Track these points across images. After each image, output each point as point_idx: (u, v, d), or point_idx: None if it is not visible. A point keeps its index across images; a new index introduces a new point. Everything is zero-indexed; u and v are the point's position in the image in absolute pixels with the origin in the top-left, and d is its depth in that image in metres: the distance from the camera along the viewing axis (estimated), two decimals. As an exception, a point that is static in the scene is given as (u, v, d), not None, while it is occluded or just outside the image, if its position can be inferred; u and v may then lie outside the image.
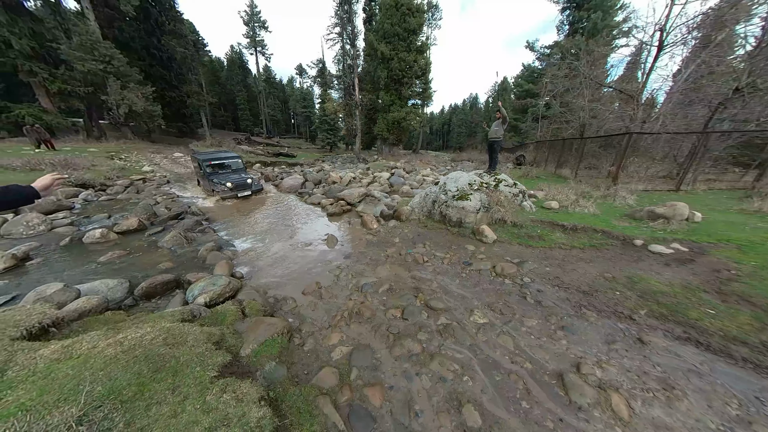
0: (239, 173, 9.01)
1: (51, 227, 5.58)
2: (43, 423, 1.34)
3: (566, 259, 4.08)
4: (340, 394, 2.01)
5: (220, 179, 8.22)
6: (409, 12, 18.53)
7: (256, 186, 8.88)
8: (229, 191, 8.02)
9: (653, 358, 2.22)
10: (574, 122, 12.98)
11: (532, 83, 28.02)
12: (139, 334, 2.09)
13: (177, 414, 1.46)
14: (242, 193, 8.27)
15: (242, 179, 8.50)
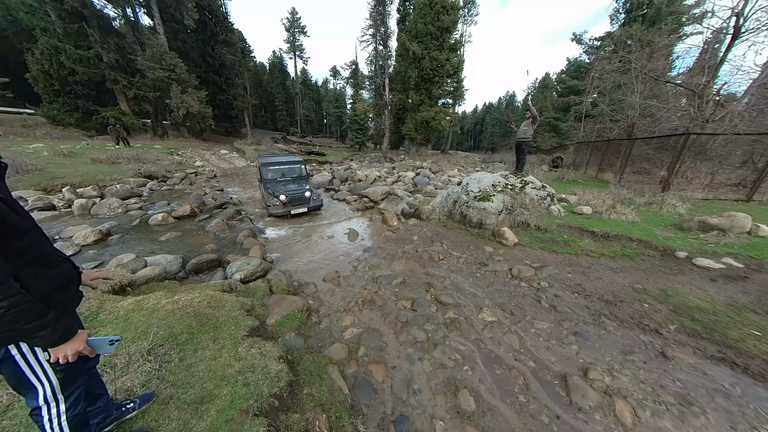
0: (298, 183, 7.13)
1: (126, 210, 6.74)
2: (126, 350, 1.77)
3: (592, 267, 3.85)
4: (348, 366, 2.25)
5: (275, 189, 6.62)
6: (443, 9, 18.26)
7: (315, 201, 6.82)
8: (281, 206, 6.30)
9: (674, 374, 2.09)
10: (623, 121, 11.74)
11: (576, 79, 25.78)
12: (190, 297, 2.56)
13: (216, 358, 1.81)
14: (296, 210, 6.41)
15: (299, 191, 6.60)
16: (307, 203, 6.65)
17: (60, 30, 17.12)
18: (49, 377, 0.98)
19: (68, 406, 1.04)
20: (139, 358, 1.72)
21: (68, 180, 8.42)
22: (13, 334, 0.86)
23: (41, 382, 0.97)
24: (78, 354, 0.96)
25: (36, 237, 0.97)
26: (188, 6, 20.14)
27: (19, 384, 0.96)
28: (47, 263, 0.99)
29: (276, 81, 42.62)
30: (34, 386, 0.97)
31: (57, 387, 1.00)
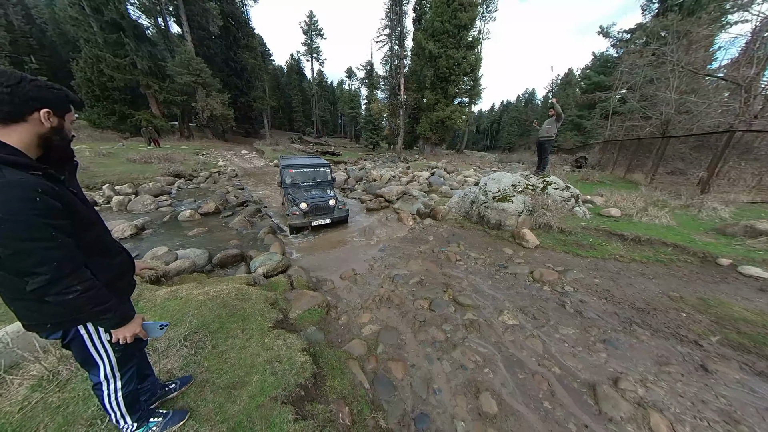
0: (322, 188, 6.15)
1: (157, 207, 7.21)
2: (165, 336, 1.91)
3: (622, 272, 3.65)
4: (367, 362, 2.28)
5: (296, 196, 5.57)
6: (461, 7, 17.94)
7: (340, 212, 5.74)
8: (301, 216, 5.31)
9: (717, 389, 1.94)
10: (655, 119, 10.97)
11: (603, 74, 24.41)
12: (219, 288, 2.70)
13: (245, 347, 1.91)
14: (318, 221, 5.43)
15: (323, 199, 5.57)
16: (330, 213, 5.61)
17: (101, 40, 18.57)
18: (109, 356, 1.08)
19: (123, 383, 1.15)
20: (177, 343, 1.85)
21: (107, 178, 9.13)
22: (84, 315, 0.96)
23: (102, 360, 1.07)
24: (134, 336, 1.05)
25: (101, 229, 1.08)
26: (213, 14, 21.16)
27: (85, 361, 1.07)
28: (110, 253, 1.10)
29: (293, 83, 43.79)
30: (97, 363, 1.07)
31: (115, 365, 1.11)
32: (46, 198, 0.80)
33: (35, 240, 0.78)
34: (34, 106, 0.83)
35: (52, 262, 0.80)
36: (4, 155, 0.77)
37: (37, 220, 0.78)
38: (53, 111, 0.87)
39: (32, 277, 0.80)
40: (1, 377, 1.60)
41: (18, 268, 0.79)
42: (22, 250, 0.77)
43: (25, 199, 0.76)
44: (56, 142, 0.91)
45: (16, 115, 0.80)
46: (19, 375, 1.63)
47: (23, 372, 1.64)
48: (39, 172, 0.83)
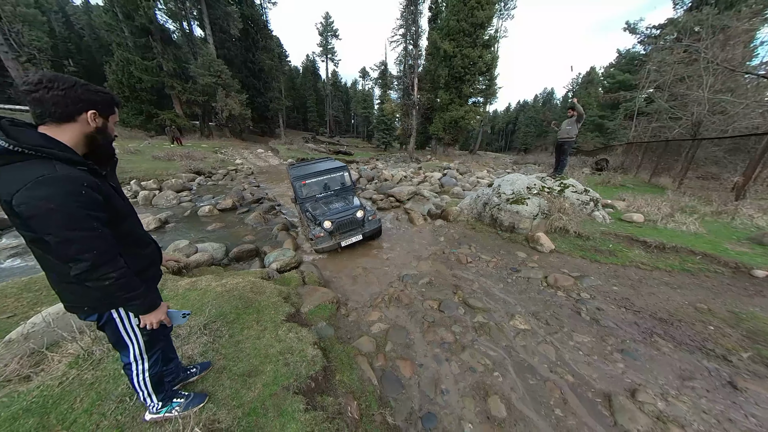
0: (344, 198, 5.16)
1: (179, 202, 7.58)
2: (187, 324, 2.02)
3: (644, 280, 3.47)
4: (376, 360, 2.31)
5: (317, 213, 4.60)
6: (478, 5, 17.61)
7: (371, 224, 4.76)
8: (328, 238, 4.35)
9: (747, 408, 1.82)
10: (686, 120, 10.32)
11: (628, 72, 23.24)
12: (235, 281, 2.82)
13: (260, 337, 1.99)
14: (348, 240, 4.42)
15: (348, 212, 4.58)
16: (361, 228, 4.60)
17: (131, 44, 19.71)
18: (138, 339, 1.17)
19: (150, 364, 1.23)
20: (197, 331, 1.96)
21: (134, 174, 9.70)
22: (117, 300, 1.04)
23: (132, 342, 1.16)
24: (160, 322, 1.13)
25: (135, 221, 1.16)
26: (234, 17, 21.91)
27: (117, 342, 1.16)
28: (141, 244, 1.18)
29: (308, 83, 44.59)
30: (127, 345, 1.16)
31: (143, 348, 1.19)
32: (90, 191, 0.88)
33: (80, 229, 0.85)
34: (83, 108, 0.91)
35: (93, 251, 0.88)
36: (57, 152, 0.86)
37: (82, 212, 0.85)
38: (99, 112, 0.95)
39: (75, 263, 0.87)
40: (42, 353, 1.75)
41: (65, 254, 0.87)
42: (69, 238, 0.85)
43: (73, 192, 0.84)
44: (100, 141, 0.99)
45: (68, 115, 0.89)
46: (58, 352, 1.78)
47: (62, 350, 1.79)
48: (85, 168, 0.92)
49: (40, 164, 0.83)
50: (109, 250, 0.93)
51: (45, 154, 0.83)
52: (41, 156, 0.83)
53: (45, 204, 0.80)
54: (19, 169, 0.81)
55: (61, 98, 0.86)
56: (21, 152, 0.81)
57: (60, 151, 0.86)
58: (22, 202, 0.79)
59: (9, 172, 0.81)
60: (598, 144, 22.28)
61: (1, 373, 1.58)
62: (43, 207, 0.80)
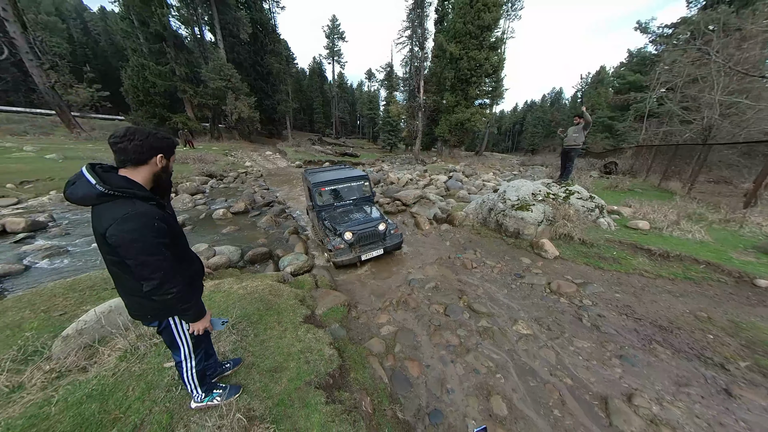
0: (364, 209, 4.89)
1: (194, 205, 7.92)
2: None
3: (646, 288, 3.55)
4: (386, 360, 2.48)
5: (335, 222, 4.39)
6: (485, 7, 17.63)
7: (393, 237, 4.54)
8: (348, 250, 4.14)
9: (739, 413, 1.92)
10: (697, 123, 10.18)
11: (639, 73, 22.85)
12: (255, 284, 3.03)
13: (282, 337, 2.19)
14: (368, 254, 4.20)
15: (370, 224, 4.36)
16: (382, 241, 4.39)
17: (146, 50, 20.41)
18: (187, 341, 1.38)
19: (196, 362, 1.44)
20: (226, 330, 2.17)
21: (151, 177, 10.13)
22: (174, 311, 1.26)
23: (183, 344, 1.37)
24: (205, 328, 1.33)
25: (185, 242, 1.37)
26: (244, 22, 22.42)
27: (171, 344, 1.38)
28: (191, 260, 1.40)
29: (315, 85, 45.13)
30: (179, 346, 1.37)
31: (191, 349, 1.40)
32: (160, 223, 1.10)
33: (153, 254, 1.06)
34: (154, 153, 1.12)
35: (161, 271, 1.08)
36: (136, 191, 1.07)
37: (155, 240, 1.06)
38: (164, 155, 1.16)
39: (147, 282, 1.08)
40: (95, 348, 1.99)
41: (140, 274, 1.07)
42: (144, 262, 1.05)
43: (148, 224, 1.05)
44: (164, 178, 1.21)
45: (143, 160, 1.10)
46: (108, 347, 2.01)
47: (111, 344, 2.02)
48: (154, 202, 1.12)
49: (124, 203, 1.04)
50: (172, 271, 1.13)
51: (127, 194, 1.05)
52: (125, 196, 1.04)
53: (129, 235, 1.01)
54: (110, 208, 1.03)
55: (139, 147, 1.07)
56: (112, 194, 1.02)
57: (138, 191, 1.07)
58: (113, 234, 1.00)
59: (103, 210, 1.03)
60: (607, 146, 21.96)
61: (63, 365, 1.82)
62: (127, 238, 1.01)
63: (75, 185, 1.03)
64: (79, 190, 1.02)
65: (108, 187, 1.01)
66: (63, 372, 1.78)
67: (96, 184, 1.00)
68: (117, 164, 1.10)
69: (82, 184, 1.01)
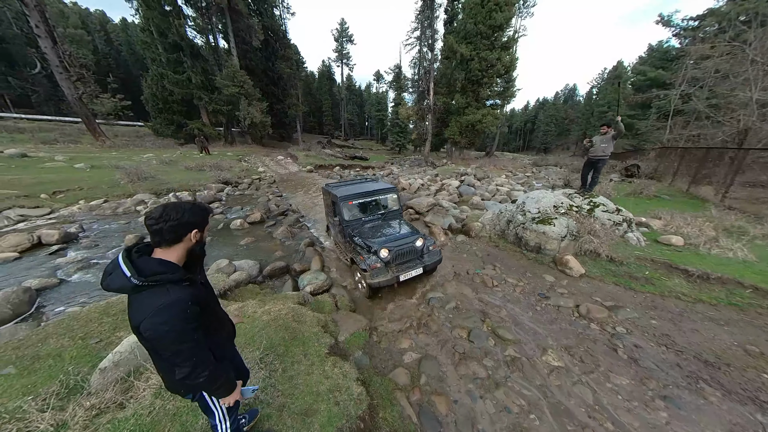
0: (395, 224, 4.53)
1: (212, 214, 8.12)
2: (245, 356, 2.24)
3: (685, 314, 3.33)
4: (412, 394, 2.42)
5: (367, 238, 4.02)
6: (496, 7, 17.25)
7: (432, 255, 4.17)
8: (384, 270, 3.72)
9: (809, 475, 1.74)
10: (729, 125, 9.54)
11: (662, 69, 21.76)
12: (277, 308, 3.04)
13: (309, 373, 2.17)
14: (407, 274, 3.78)
15: (407, 241, 4.02)
16: (420, 259, 4.03)
17: (164, 59, 21.17)
18: (221, 407, 1.39)
19: (230, 424, 1.44)
20: (255, 365, 2.17)
21: (170, 185, 10.47)
22: (205, 390, 1.26)
23: (216, 411, 1.39)
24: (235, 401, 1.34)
25: (216, 305, 1.37)
26: (256, 29, 22.87)
27: (205, 410, 1.40)
28: (221, 326, 1.41)
29: (324, 88, 45.58)
30: (214, 413, 1.39)
31: (225, 413, 1.41)
32: (194, 307, 1.09)
33: (184, 343, 1.06)
34: (189, 230, 1.11)
35: (192, 359, 1.09)
36: (170, 275, 1.05)
37: (187, 327, 1.05)
38: (199, 229, 1.15)
39: (179, 368, 1.08)
40: (130, 381, 2.03)
41: (173, 362, 1.08)
42: (176, 351, 1.06)
43: (180, 313, 1.04)
44: (198, 251, 1.21)
45: (178, 239, 1.09)
46: (142, 380, 2.05)
47: (144, 377, 2.06)
48: (188, 282, 1.11)
49: (158, 292, 1.03)
50: (203, 356, 1.13)
51: (160, 281, 1.04)
52: (158, 283, 1.04)
53: (161, 328, 1.00)
54: (144, 298, 1.03)
55: (174, 227, 1.06)
56: (146, 285, 1.02)
57: (171, 274, 1.06)
58: (147, 329, 1.00)
59: (137, 301, 1.04)
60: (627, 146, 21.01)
61: (102, 400, 1.86)
62: (160, 330, 1.00)
63: (111, 276, 1.02)
64: (115, 281, 1.01)
65: (142, 279, 1.00)
66: (102, 408, 1.83)
67: (131, 277, 0.99)
68: (152, 243, 1.10)
69: (118, 275, 1.01)
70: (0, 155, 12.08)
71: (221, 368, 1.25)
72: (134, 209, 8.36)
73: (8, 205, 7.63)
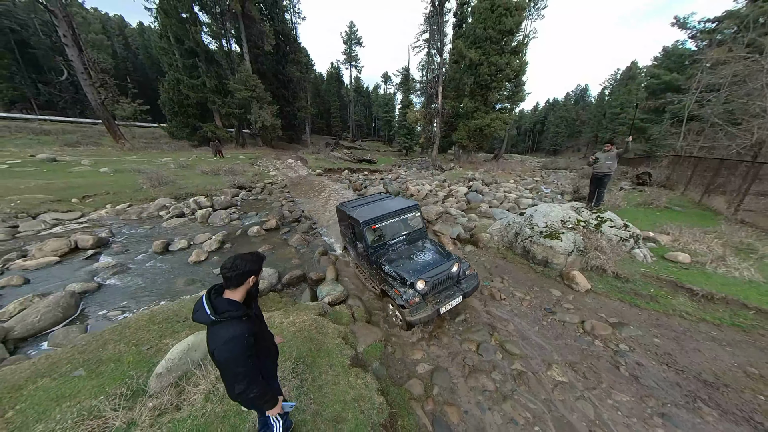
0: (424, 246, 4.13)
1: (230, 220, 8.50)
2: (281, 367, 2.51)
3: (688, 333, 3.46)
4: (426, 404, 2.66)
5: (398, 269, 3.61)
6: (506, 12, 17.24)
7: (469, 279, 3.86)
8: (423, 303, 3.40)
9: (794, 493, 1.90)
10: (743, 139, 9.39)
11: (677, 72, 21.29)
12: (301, 319, 3.32)
13: (336, 383, 2.43)
14: (447, 305, 3.46)
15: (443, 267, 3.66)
16: (458, 286, 3.74)
17: (180, 65, 21.90)
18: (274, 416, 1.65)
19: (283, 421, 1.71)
20: (288, 374, 2.45)
21: (188, 190, 10.96)
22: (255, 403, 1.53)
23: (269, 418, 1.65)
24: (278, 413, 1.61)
25: (265, 333, 1.63)
26: (268, 34, 23.40)
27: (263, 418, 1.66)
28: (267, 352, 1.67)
29: (332, 90, 46.06)
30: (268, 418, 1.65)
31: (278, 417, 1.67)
32: (250, 338, 1.38)
33: (242, 366, 1.35)
34: (249, 275, 1.41)
35: (246, 380, 1.37)
36: (234, 312, 1.35)
37: (244, 354, 1.34)
38: (255, 275, 1.45)
39: (237, 385, 1.37)
40: (182, 386, 2.33)
41: (232, 381, 1.37)
42: (236, 373, 1.35)
43: (240, 343, 1.33)
44: (253, 291, 1.52)
45: (241, 284, 1.40)
46: (191, 384, 2.35)
47: (193, 381, 2.36)
48: (246, 317, 1.41)
49: (227, 326, 1.34)
50: (255, 377, 1.42)
51: (228, 317, 1.34)
52: (227, 319, 1.34)
53: (226, 355, 1.31)
54: (217, 330, 1.34)
55: (239, 275, 1.38)
56: (219, 321, 1.33)
57: (234, 311, 1.36)
58: (220, 355, 1.31)
59: (213, 332, 1.35)
60: (639, 151, 20.65)
61: (162, 402, 2.17)
62: (226, 356, 1.31)
63: (198, 312, 1.36)
64: (200, 317, 1.35)
65: (217, 317, 1.32)
66: (162, 410, 2.13)
67: (210, 315, 1.32)
68: (224, 285, 1.42)
69: (203, 313, 1.34)
70: (32, 159, 12.85)
71: (268, 387, 1.54)
72: (157, 214, 8.83)
73: (44, 210, 8.20)
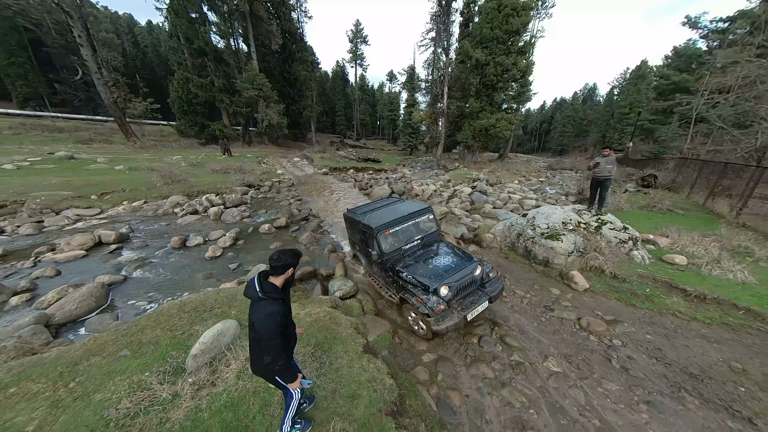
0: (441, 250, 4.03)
1: (242, 218, 8.85)
2: (302, 351, 2.81)
3: (679, 331, 3.67)
4: (431, 388, 2.93)
5: (418, 276, 3.45)
6: (513, 12, 17.22)
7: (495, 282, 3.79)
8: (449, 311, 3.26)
9: (760, 470, 2.13)
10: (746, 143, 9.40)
11: (687, 72, 21.03)
12: (317, 311, 3.61)
13: (351, 366, 2.71)
14: (473, 311, 3.33)
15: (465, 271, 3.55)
16: (482, 289, 3.64)
17: (189, 64, 22.31)
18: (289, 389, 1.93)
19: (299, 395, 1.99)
20: (308, 358, 2.74)
21: (200, 188, 11.33)
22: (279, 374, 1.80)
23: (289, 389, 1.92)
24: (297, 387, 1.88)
25: (291, 320, 1.91)
26: (275, 34, 23.66)
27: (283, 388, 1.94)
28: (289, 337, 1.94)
29: (337, 88, 46.26)
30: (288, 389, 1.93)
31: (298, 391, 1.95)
32: (283, 319, 1.67)
33: (273, 339, 1.63)
34: (289, 267, 1.71)
35: (275, 351, 1.66)
36: (274, 295, 1.64)
37: (276, 330, 1.62)
38: (293, 268, 1.74)
39: (267, 355, 1.66)
40: (215, 365, 2.64)
41: (265, 350, 1.65)
42: (269, 344, 1.63)
43: (276, 321, 1.61)
44: (289, 281, 1.80)
45: (282, 272, 1.69)
46: (223, 364, 2.65)
47: (225, 361, 2.66)
48: (282, 301, 1.69)
49: (268, 303, 1.63)
50: (279, 350, 1.69)
51: (270, 297, 1.63)
52: (269, 299, 1.63)
53: (265, 327, 1.60)
54: (260, 306, 1.63)
55: (283, 266, 1.68)
56: (264, 298, 1.62)
57: (276, 294, 1.65)
58: (259, 325, 1.60)
59: (257, 307, 1.64)
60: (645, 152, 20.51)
61: (200, 379, 2.47)
62: (264, 328, 1.60)
63: (250, 289, 1.67)
64: (251, 293, 1.66)
65: (263, 294, 1.63)
66: (201, 385, 2.43)
67: (258, 291, 1.63)
68: (269, 272, 1.71)
69: (253, 290, 1.65)
70: (52, 157, 13.37)
71: (290, 363, 1.81)
72: (172, 211, 9.22)
73: (66, 206, 8.63)
